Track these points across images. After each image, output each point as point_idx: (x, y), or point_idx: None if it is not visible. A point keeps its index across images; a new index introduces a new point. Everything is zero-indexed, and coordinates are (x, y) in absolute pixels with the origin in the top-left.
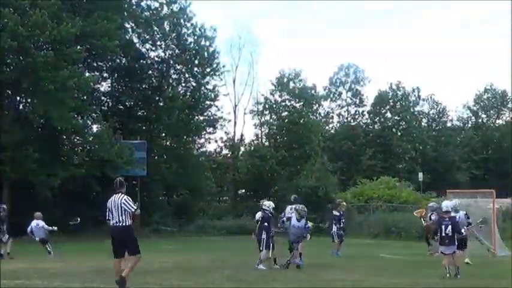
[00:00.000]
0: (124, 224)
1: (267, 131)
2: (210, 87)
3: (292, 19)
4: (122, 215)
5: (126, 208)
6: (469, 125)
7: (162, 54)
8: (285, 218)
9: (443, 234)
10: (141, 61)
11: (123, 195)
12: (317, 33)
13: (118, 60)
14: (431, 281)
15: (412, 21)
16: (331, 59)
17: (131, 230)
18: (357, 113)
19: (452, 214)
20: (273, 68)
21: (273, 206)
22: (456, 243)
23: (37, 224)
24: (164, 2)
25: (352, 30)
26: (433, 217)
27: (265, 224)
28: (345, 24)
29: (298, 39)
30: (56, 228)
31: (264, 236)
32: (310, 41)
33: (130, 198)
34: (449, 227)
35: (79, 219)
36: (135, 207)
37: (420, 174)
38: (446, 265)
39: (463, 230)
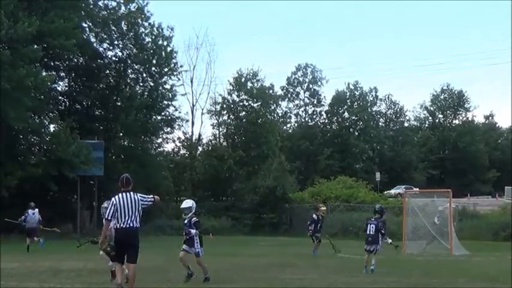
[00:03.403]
0: (138, 226)
1: (224, 131)
2: (167, 87)
3: (250, 19)
4: (137, 216)
5: (146, 202)
6: (426, 125)
7: (120, 54)
8: None
9: (368, 233)
10: (99, 60)
11: (134, 193)
12: (275, 34)
13: (75, 60)
14: (389, 280)
15: (369, 22)
16: (288, 59)
17: (138, 233)
18: (315, 112)
19: (377, 216)
20: (230, 68)
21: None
22: (379, 242)
23: (33, 213)
24: (122, 1)
25: (310, 30)
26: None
27: None
28: (303, 24)
29: (255, 39)
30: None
31: None
32: (267, 41)
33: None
34: (374, 227)
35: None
36: (152, 196)
37: (377, 174)
38: (365, 261)
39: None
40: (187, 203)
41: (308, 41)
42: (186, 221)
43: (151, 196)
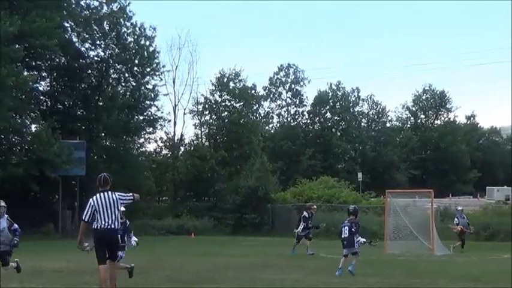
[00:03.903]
0: (116, 226)
1: (207, 131)
2: (149, 87)
3: (232, 19)
4: (115, 216)
5: (125, 201)
6: (408, 125)
7: (102, 54)
8: None
9: (343, 237)
10: (81, 60)
11: (112, 192)
12: (257, 34)
13: (57, 60)
14: (371, 280)
15: (351, 23)
16: (271, 59)
17: (118, 233)
18: (297, 113)
19: (351, 217)
20: (213, 68)
21: None
22: (356, 245)
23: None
24: (104, 1)
25: (292, 30)
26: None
27: None
28: (285, 25)
29: (238, 39)
30: None
31: None
32: (250, 41)
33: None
34: (347, 229)
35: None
36: (131, 194)
37: (359, 174)
38: (341, 263)
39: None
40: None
41: (290, 41)
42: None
43: (131, 194)
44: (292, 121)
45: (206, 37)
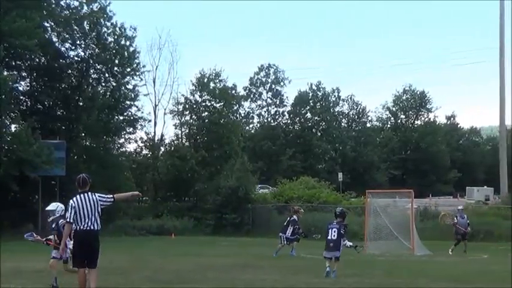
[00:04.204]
0: (98, 228)
1: (187, 131)
2: (130, 87)
3: (213, 20)
4: (96, 217)
5: (106, 203)
6: (388, 126)
7: (82, 54)
8: None
9: (329, 238)
10: (61, 60)
11: (92, 193)
12: (237, 34)
13: (37, 59)
14: (351, 280)
15: (331, 23)
16: (251, 59)
17: (99, 236)
18: (277, 113)
19: (339, 220)
20: (193, 68)
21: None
22: (340, 248)
23: None
24: (84, 1)
25: (273, 31)
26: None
27: None
28: (266, 25)
29: (218, 39)
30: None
31: None
32: (230, 41)
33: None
34: (335, 231)
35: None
36: (111, 195)
37: (340, 174)
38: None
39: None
40: (52, 205)
41: (271, 41)
42: (53, 225)
43: (111, 196)
44: (272, 121)
45: (186, 37)
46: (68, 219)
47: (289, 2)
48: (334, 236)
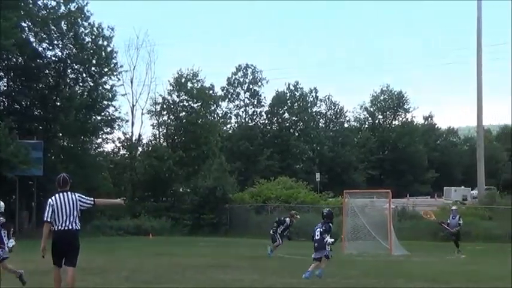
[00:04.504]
0: (77, 228)
1: (164, 131)
2: (107, 87)
3: (191, 20)
4: (75, 217)
5: (85, 204)
6: (366, 126)
7: (59, 54)
8: None
9: (314, 239)
10: (38, 60)
11: (72, 192)
12: (215, 34)
13: (14, 59)
14: (328, 280)
15: (309, 23)
16: (229, 59)
17: (78, 235)
18: (255, 113)
19: (326, 220)
20: (171, 68)
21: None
22: (326, 247)
23: None
24: (61, 0)
25: (250, 31)
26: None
27: None
28: (243, 25)
29: (196, 39)
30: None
31: None
32: (208, 41)
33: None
34: (319, 231)
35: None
36: (92, 198)
37: (317, 175)
38: (312, 267)
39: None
40: None
41: (249, 41)
42: None
43: (92, 199)
44: (250, 121)
45: (164, 37)
46: (46, 219)
47: (267, 2)
48: (318, 236)
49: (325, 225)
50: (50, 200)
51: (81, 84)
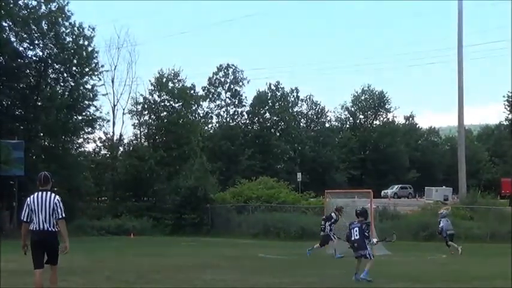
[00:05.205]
0: (54, 228)
1: (146, 131)
2: (88, 86)
3: (171, 19)
4: (52, 217)
5: (56, 213)
6: (347, 126)
7: (40, 53)
8: None
9: (353, 239)
10: (19, 60)
11: (53, 194)
12: (196, 34)
13: None
14: (311, 280)
15: (290, 23)
16: (210, 59)
17: (57, 235)
18: (236, 113)
19: (360, 218)
20: (152, 68)
21: None
22: (367, 247)
23: None
24: (42, 0)
25: (231, 30)
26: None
27: None
28: (224, 25)
29: (177, 39)
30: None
31: None
32: (189, 41)
33: (61, 202)
34: (357, 230)
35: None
36: (63, 216)
37: (299, 174)
38: (356, 268)
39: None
40: None
41: (230, 41)
42: None
43: (63, 216)
44: (231, 121)
45: (145, 37)
46: (23, 219)
47: (248, 2)
48: (356, 235)
49: (366, 226)
50: (28, 198)
51: (62, 84)
